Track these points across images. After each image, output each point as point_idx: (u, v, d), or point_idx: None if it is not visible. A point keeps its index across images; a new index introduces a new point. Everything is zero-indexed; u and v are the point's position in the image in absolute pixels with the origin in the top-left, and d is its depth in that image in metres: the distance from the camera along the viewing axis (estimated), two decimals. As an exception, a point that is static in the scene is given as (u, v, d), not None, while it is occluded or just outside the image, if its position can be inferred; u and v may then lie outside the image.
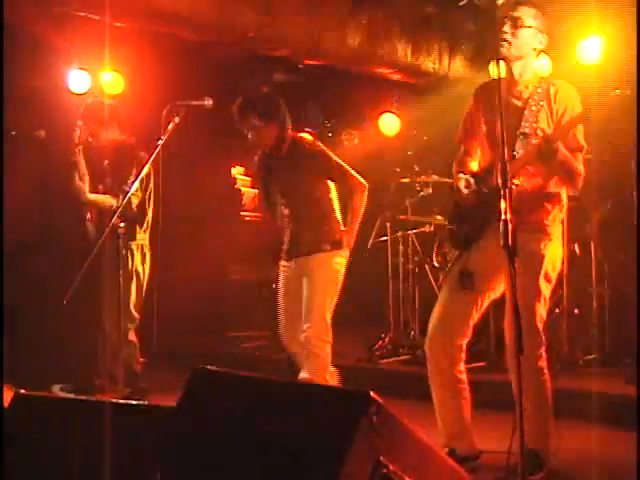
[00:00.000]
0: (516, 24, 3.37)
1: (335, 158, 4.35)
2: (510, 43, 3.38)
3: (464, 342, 3.59)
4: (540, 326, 3.44)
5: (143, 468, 2.14)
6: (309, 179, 4.31)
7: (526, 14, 3.39)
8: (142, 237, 5.07)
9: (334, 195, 4.39)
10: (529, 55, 3.47)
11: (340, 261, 4.33)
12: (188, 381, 2.22)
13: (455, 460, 3.26)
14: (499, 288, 3.57)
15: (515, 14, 3.37)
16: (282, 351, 4.86)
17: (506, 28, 3.36)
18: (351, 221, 4.37)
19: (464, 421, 3.59)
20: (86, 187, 4.94)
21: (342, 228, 4.36)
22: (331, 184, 4.37)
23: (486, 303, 3.61)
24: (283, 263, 4.43)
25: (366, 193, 4.39)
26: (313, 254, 4.28)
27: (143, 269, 5.06)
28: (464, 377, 3.60)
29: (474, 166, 3.73)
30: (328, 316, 4.33)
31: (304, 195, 4.32)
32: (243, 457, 2.00)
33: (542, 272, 3.44)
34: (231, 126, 4.40)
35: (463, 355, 3.60)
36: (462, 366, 3.60)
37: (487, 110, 3.56)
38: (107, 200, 4.92)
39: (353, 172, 4.36)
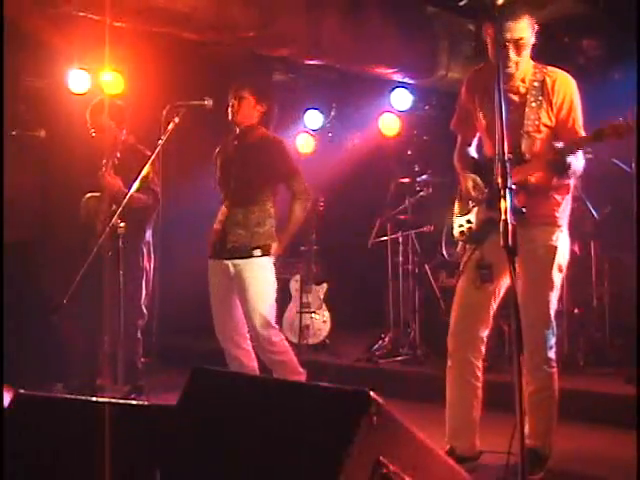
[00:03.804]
0: (519, 47, 3.37)
1: (294, 162, 4.37)
2: (517, 64, 3.41)
3: (486, 333, 3.63)
4: (552, 315, 3.50)
5: (143, 468, 2.14)
6: (261, 177, 4.29)
7: (525, 30, 3.37)
8: (148, 235, 5.10)
9: (273, 206, 4.36)
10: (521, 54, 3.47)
11: (270, 267, 4.30)
12: (188, 381, 2.22)
13: (455, 460, 3.27)
14: None
15: (516, 36, 3.35)
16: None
17: (511, 54, 3.36)
18: (287, 229, 4.36)
19: (471, 420, 3.60)
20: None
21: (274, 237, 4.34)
22: (274, 194, 4.35)
23: (503, 291, 3.64)
24: (211, 262, 4.41)
25: (309, 204, 4.39)
26: (243, 259, 4.26)
27: (149, 266, 5.09)
28: (480, 375, 3.62)
29: (473, 153, 3.77)
30: (271, 317, 4.28)
31: (250, 191, 4.29)
32: (243, 457, 2.00)
33: (555, 263, 3.50)
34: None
35: (484, 348, 3.63)
36: (481, 363, 3.63)
37: (484, 103, 3.57)
38: (143, 196, 4.88)
39: (303, 180, 4.35)
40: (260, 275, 4.27)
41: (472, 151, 3.80)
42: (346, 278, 7.32)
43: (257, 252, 4.26)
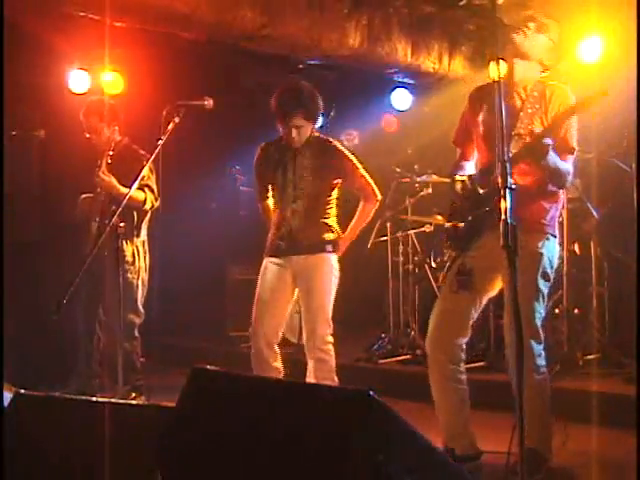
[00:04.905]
0: (541, 29, 3.41)
1: (358, 164, 4.35)
2: (527, 37, 3.41)
3: (464, 341, 3.61)
4: (539, 324, 3.47)
5: (143, 468, 2.14)
6: (329, 179, 4.29)
7: (553, 26, 3.44)
8: (144, 233, 5.11)
9: (334, 199, 4.36)
10: (534, 61, 3.48)
11: (336, 265, 4.33)
12: (188, 381, 2.22)
13: (455, 460, 3.27)
14: (497, 286, 3.59)
15: (544, 20, 3.41)
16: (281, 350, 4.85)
17: (531, 25, 3.40)
18: (352, 228, 4.40)
19: (464, 421, 3.60)
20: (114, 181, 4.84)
21: (341, 234, 4.35)
22: (337, 190, 4.35)
23: (484, 301, 3.64)
24: (272, 260, 4.31)
25: (377, 205, 4.42)
26: (315, 254, 4.25)
27: (145, 265, 5.10)
28: (464, 377, 3.61)
29: (471, 169, 3.75)
30: (330, 317, 4.30)
31: (319, 192, 4.27)
32: (242, 457, 2.00)
33: (540, 270, 3.46)
34: (231, 126, 4.39)
35: (463, 355, 3.61)
36: (462, 366, 3.61)
37: (484, 111, 3.58)
38: (140, 195, 4.86)
39: (372, 182, 4.36)
40: (329, 272, 4.28)
41: (469, 167, 3.77)
42: (346, 278, 7.30)
43: (329, 247, 4.28)
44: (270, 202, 4.42)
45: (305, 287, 4.28)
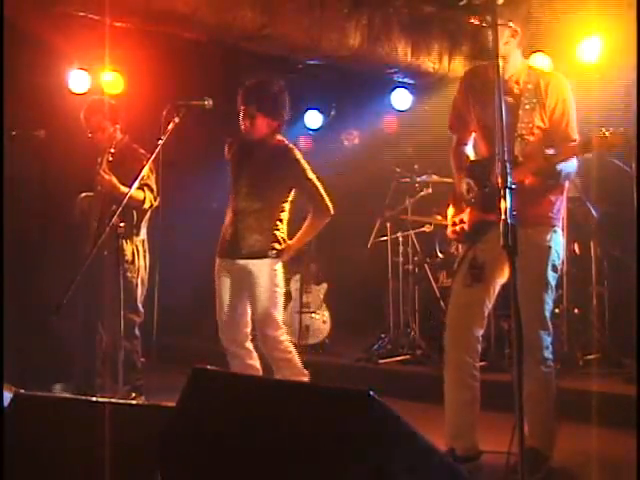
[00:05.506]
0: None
1: (312, 176, 4.31)
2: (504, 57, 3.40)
3: (481, 332, 3.64)
4: (548, 315, 3.51)
5: (143, 468, 2.14)
6: (282, 184, 4.28)
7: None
8: (144, 233, 5.11)
9: (288, 207, 4.36)
10: (509, 51, 3.47)
11: (280, 270, 4.31)
12: (188, 381, 2.22)
13: (455, 460, 3.28)
14: (506, 274, 3.59)
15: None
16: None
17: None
18: (298, 239, 4.38)
19: (471, 420, 3.60)
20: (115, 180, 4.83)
21: (287, 241, 4.34)
22: (291, 197, 4.34)
23: (497, 290, 3.66)
24: (220, 261, 4.35)
25: (328, 220, 4.37)
26: (257, 259, 4.25)
27: (145, 264, 5.10)
28: (478, 374, 3.62)
29: (470, 154, 3.77)
30: (280, 317, 4.30)
31: (270, 195, 4.27)
32: (242, 457, 2.00)
33: (549, 263, 3.51)
34: (231, 126, 4.39)
35: (479, 347, 3.63)
36: (477, 362, 3.63)
37: (478, 103, 3.58)
38: (139, 194, 4.85)
39: (325, 196, 4.33)
40: (273, 276, 4.27)
41: (469, 150, 3.79)
42: (346, 278, 7.31)
43: (272, 253, 4.27)
44: None
45: (250, 294, 4.29)
